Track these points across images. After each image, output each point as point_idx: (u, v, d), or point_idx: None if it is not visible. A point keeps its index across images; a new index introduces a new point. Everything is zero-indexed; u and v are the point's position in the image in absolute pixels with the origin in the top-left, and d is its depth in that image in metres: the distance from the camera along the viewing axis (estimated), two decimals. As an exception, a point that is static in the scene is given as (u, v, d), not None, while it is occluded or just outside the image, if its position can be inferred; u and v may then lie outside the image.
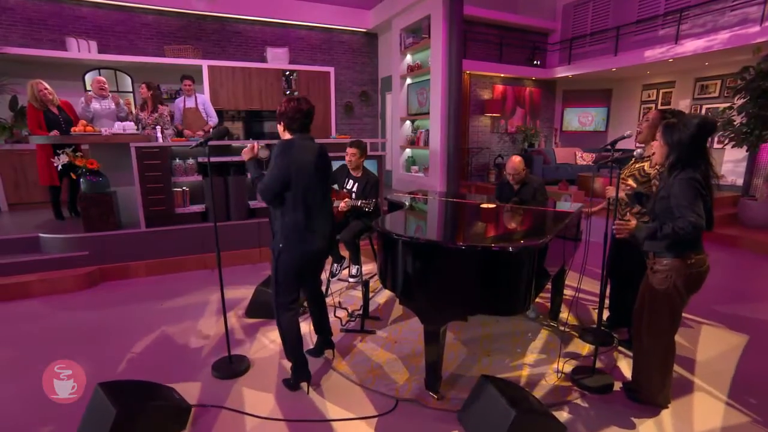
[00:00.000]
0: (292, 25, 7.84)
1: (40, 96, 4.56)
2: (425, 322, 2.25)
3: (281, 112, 2.26)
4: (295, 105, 2.24)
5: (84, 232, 4.27)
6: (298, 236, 2.24)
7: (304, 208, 2.24)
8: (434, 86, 6.51)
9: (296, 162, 2.17)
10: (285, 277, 2.30)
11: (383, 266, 2.40)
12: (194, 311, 3.54)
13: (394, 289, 2.35)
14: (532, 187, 3.50)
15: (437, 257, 2.09)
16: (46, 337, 3.11)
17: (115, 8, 6.61)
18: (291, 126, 2.26)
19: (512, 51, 9.09)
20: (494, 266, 1.97)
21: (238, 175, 4.77)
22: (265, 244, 4.91)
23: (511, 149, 9.69)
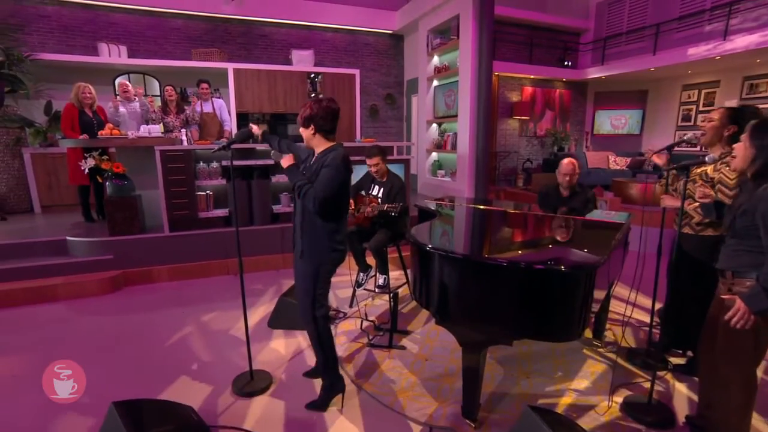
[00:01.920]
0: (317, 28, 7.74)
1: (81, 97, 4.63)
2: (464, 344, 2.02)
3: (311, 115, 2.10)
4: (327, 105, 2.10)
5: (109, 235, 4.23)
6: (337, 244, 2.19)
7: (342, 215, 2.21)
8: (463, 88, 6.27)
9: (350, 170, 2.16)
10: (325, 286, 2.23)
11: (417, 281, 2.20)
12: (216, 320, 3.41)
13: (429, 306, 2.14)
14: (583, 196, 3.23)
15: (479, 274, 1.86)
16: (67, 343, 3.03)
17: (146, 14, 6.65)
18: (324, 128, 2.12)
19: (542, 51, 8.74)
20: (547, 286, 1.74)
21: (261, 179, 4.65)
22: (288, 250, 4.76)
23: (540, 153, 9.33)
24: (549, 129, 9.24)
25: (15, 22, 5.79)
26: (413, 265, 2.26)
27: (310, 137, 2.16)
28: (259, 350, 2.90)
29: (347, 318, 3.43)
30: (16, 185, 5.74)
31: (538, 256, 2.12)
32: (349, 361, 2.79)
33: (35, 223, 5.27)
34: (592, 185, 8.02)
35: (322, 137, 2.14)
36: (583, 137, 9.68)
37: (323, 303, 2.24)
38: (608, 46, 8.47)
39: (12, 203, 5.75)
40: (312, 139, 2.16)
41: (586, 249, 2.12)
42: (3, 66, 5.22)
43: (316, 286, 2.19)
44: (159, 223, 4.61)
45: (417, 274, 2.20)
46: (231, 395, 2.40)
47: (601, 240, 2.34)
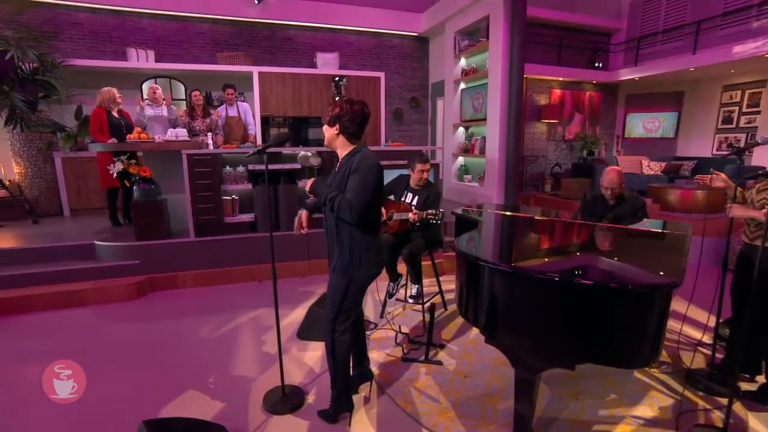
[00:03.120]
0: (341, 30, 7.68)
1: (109, 100, 4.68)
2: (517, 366, 1.85)
3: (339, 114, 1.98)
4: (359, 108, 2.00)
5: (135, 240, 4.20)
6: (372, 256, 2.06)
7: (375, 224, 2.05)
8: (492, 91, 6.08)
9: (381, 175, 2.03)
10: (352, 300, 2.10)
11: (464, 295, 2.05)
12: (244, 329, 3.32)
13: (477, 323, 1.98)
14: (632, 205, 3.02)
15: (537, 291, 1.69)
16: (93, 351, 2.97)
17: (173, 18, 6.70)
18: (349, 130, 2.01)
19: (571, 53, 8.48)
20: (619, 307, 1.55)
21: (288, 184, 4.56)
22: (314, 257, 4.66)
23: (569, 158, 9.03)
24: (578, 133, 8.94)
25: (49, 30, 5.89)
26: (459, 278, 2.11)
27: (333, 137, 2.03)
28: (289, 363, 2.78)
29: (378, 329, 3.29)
30: (47, 189, 5.82)
31: (602, 272, 1.93)
32: (384, 375, 2.64)
33: (65, 226, 5.31)
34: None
35: (345, 139, 2.03)
36: (614, 141, 9.34)
37: (347, 317, 2.11)
38: (642, 46, 8.14)
39: (43, 206, 5.82)
40: (335, 140, 2.04)
41: (657, 266, 1.93)
42: (37, 72, 5.29)
43: (344, 299, 2.07)
44: (184, 227, 4.57)
45: (464, 287, 2.04)
46: (262, 412, 2.28)
47: (670, 254, 2.13)
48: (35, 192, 5.77)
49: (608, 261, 2.09)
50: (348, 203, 1.91)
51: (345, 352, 2.15)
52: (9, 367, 2.77)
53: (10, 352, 2.95)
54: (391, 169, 4.59)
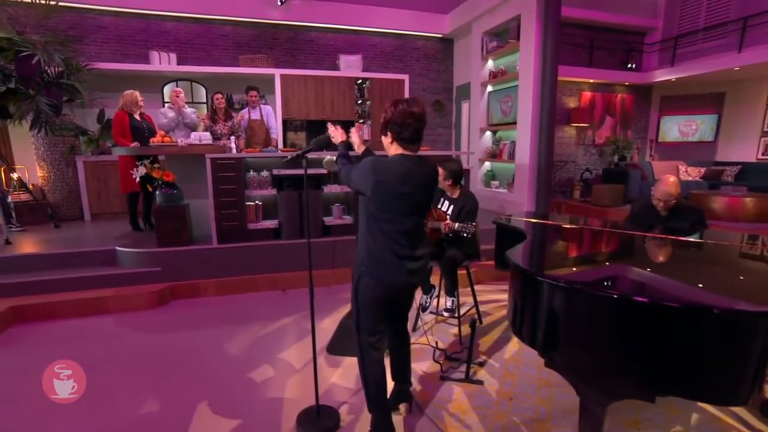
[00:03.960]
0: (364, 32, 7.61)
1: (131, 103, 4.68)
2: (584, 395, 1.68)
3: (386, 120, 1.85)
4: (404, 109, 1.80)
5: (157, 246, 4.14)
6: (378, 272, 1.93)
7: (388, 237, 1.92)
8: (523, 94, 5.91)
9: None
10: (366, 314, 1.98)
11: (518, 313, 1.89)
12: (270, 342, 3.20)
13: (534, 343, 1.82)
14: (688, 217, 2.80)
15: (614, 313, 1.52)
16: (115, 363, 2.89)
17: (196, 21, 6.72)
18: (401, 136, 1.83)
19: (603, 54, 8.23)
20: (714, 333, 1.37)
21: (313, 189, 4.46)
22: (339, 265, 4.54)
23: (599, 163, 8.76)
24: (609, 137, 8.67)
25: (75, 34, 5.96)
26: (514, 294, 1.95)
27: (388, 146, 1.90)
28: (320, 380, 2.64)
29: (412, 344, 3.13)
30: (69, 193, 5.85)
31: (686, 291, 1.74)
32: (421, 395, 2.48)
33: (86, 231, 5.32)
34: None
35: (400, 147, 1.86)
36: (647, 145, 9.03)
37: (373, 333, 1.97)
38: (680, 45, 7.84)
39: (64, 211, 5.85)
40: (390, 148, 1.90)
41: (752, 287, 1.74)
42: (62, 76, 5.33)
43: (359, 310, 1.97)
44: (205, 233, 4.51)
45: (519, 305, 1.88)
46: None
47: (757, 271, 1.93)
48: (57, 196, 5.81)
49: (695, 278, 1.90)
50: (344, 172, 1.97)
51: (377, 371, 2.00)
52: (29, 379, 2.70)
53: (31, 363, 2.89)
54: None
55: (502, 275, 4.45)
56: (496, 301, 4.05)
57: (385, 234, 1.84)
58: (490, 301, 4.03)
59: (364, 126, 7.22)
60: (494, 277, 4.62)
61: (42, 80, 5.24)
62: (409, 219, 1.87)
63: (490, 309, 3.83)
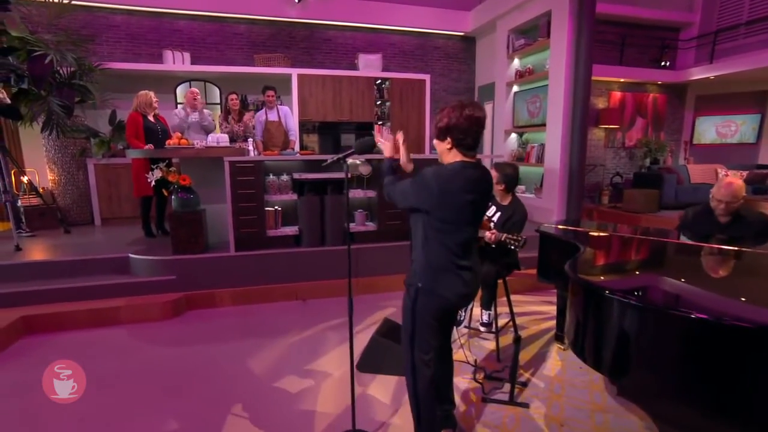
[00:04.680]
0: (383, 30, 7.54)
1: (145, 104, 4.65)
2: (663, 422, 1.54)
3: (449, 125, 1.76)
4: (471, 114, 1.74)
5: (172, 253, 4.07)
6: (437, 285, 1.85)
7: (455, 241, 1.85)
8: (554, 94, 5.78)
9: None
10: (420, 329, 1.88)
11: (581, 330, 1.76)
12: (295, 355, 3.10)
13: (600, 367, 1.69)
14: (752, 225, 2.64)
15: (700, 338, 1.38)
16: (129, 380, 2.80)
17: (209, 20, 6.72)
18: (464, 142, 1.77)
19: (634, 51, 8.05)
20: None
21: (335, 194, 4.36)
22: (362, 274, 4.43)
23: (629, 166, 8.56)
24: (640, 139, 8.46)
25: (87, 33, 5.97)
26: (575, 310, 1.82)
27: (445, 152, 1.83)
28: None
29: (445, 362, 3.00)
30: (79, 197, 5.85)
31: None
32: (466, 421, 2.35)
33: (97, 236, 5.29)
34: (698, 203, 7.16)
35: (459, 154, 1.80)
36: (681, 148, 8.80)
37: (425, 347, 1.87)
38: (719, 41, 7.62)
39: (74, 215, 5.85)
40: (447, 155, 1.82)
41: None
42: (74, 76, 5.33)
43: (414, 322, 1.87)
44: (220, 240, 4.45)
45: (581, 323, 1.75)
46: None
47: None
48: (67, 200, 5.80)
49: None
50: (392, 185, 1.91)
51: (430, 392, 1.91)
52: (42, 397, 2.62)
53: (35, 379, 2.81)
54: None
55: (539, 285, 4.30)
56: (534, 313, 3.91)
57: (445, 246, 1.79)
58: (527, 313, 3.88)
59: (384, 128, 7.13)
60: (530, 288, 4.47)
61: (54, 80, 5.25)
62: (470, 228, 1.82)
63: (526, 322, 3.69)
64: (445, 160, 1.83)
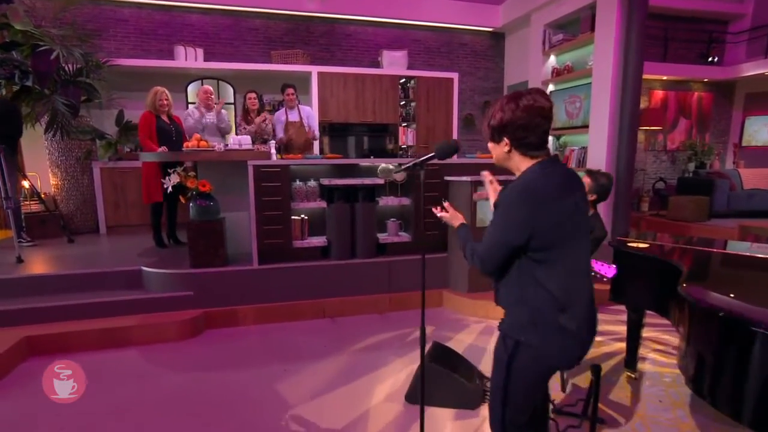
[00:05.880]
0: (408, 26, 7.40)
1: (158, 104, 4.51)
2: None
3: (503, 122, 1.45)
4: (530, 105, 1.41)
5: (190, 267, 3.90)
6: (561, 323, 1.46)
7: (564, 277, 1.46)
8: (599, 93, 5.58)
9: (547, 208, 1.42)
10: (521, 391, 1.55)
11: (709, 370, 1.53)
12: (329, 382, 2.89)
13: (738, 415, 1.46)
14: None
15: None
16: (142, 412, 2.60)
17: (223, 13, 6.60)
18: (526, 141, 1.44)
19: (678, 47, 7.84)
20: None
21: (366, 202, 4.17)
22: (395, 289, 4.23)
23: (671, 171, 8.31)
24: (684, 141, 8.22)
25: (93, 28, 5.87)
26: (697, 342, 1.60)
27: (503, 156, 1.51)
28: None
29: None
30: (83, 203, 5.71)
31: None
32: (543, 470, 2.12)
33: (104, 246, 5.13)
34: (752, 211, 6.90)
35: (523, 156, 1.48)
36: (730, 151, 8.53)
37: (519, 412, 1.56)
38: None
39: (78, 222, 5.70)
40: (507, 160, 1.52)
41: None
42: (81, 73, 5.22)
43: (508, 383, 1.54)
44: (240, 252, 4.28)
45: (714, 361, 1.53)
46: None
47: None
48: (71, 206, 5.66)
49: None
50: (472, 250, 1.56)
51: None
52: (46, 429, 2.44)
53: (42, 407, 2.62)
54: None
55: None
56: (600, 333, 3.66)
57: (558, 280, 1.43)
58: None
59: (408, 130, 6.96)
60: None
61: (59, 78, 5.14)
62: (586, 242, 1.51)
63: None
64: (508, 164, 1.53)
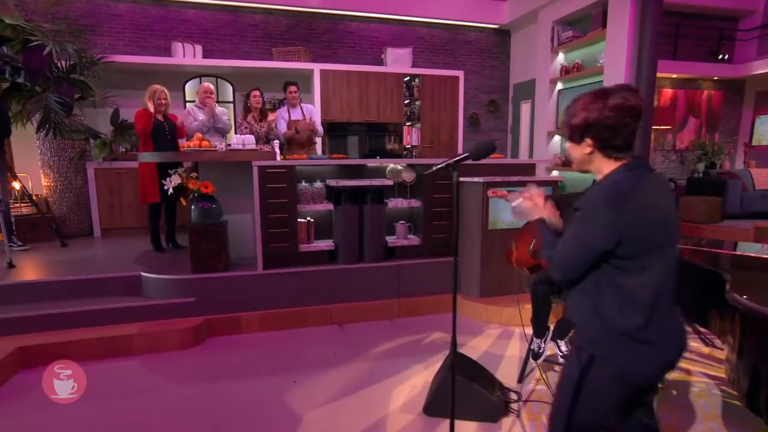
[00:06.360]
0: (411, 22, 7.33)
1: (156, 102, 4.43)
2: None
3: (588, 121, 1.36)
4: (621, 104, 1.31)
5: (191, 272, 3.79)
6: (643, 344, 1.36)
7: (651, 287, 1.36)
8: (611, 90, 5.52)
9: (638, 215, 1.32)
10: (594, 412, 1.44)
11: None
12: (341, 393, 2.80)
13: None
14: None
15: None
16: (145, 426, 2.50)
17: (222, 9, 6.51)
18: (612, 143, 1.35)
19: (688, 44, 7.81)
20: None
21: (375, 204, 4.08)
22: (405, 294, 4.14)
23: (680, 171, 8.28)
24: (693, 141, 8.20)
25: (87, 23, 5.76)
26: (751, 354, 1.52)
27: (584, 158, 1.42)
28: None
29: (527, 402, 2.71)
30: (76, 205, 5.59)
31: None
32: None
33: (99, 250, 5.02)
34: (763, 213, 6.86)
35: (607, 158, 1.39)
36: (740, 150, 8.51)
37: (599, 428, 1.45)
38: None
39: (71, 225, 5.58)
40: (587, 162, 1.43)
41: None
42: (74, 70, 5.10)
43: (575, 402, 1.42)
44: (242, 256, 4.18)
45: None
46: None
47: None
48: (64, 208, 5.54)
49: None
50: (553, 258, 1.46)
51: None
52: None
53: (46, 423, 2.52)
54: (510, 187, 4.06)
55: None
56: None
57: (645, 289, 1.33)
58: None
59: (413, 129, 6.88)
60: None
61: (51, 74, 5.02)
62: (674, 249, 1.39)
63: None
64: (589, 167, 1.44)
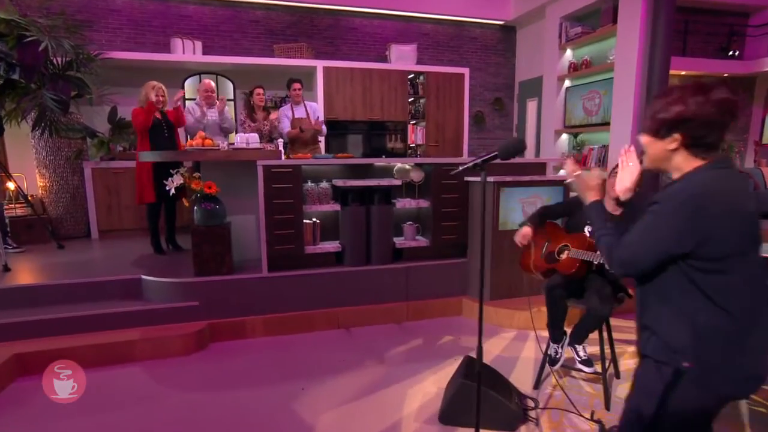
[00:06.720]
0: (415, 19, 7.27)
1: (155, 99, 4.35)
2: None
3: (684, 116, 1.25)
4: (723, 99, 1.23)
5: (194, 275, 3.72)
6: (731, 356, 1.29)
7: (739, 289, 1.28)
8: (621, 89, 5.49)
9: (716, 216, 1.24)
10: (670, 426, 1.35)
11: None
12: (351, 400, 2.74)
13: None
14: None
15: None
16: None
17: (222, 4, 6.45)
18: (704, 141, 1.27)
19: (696, 40, 7.77)
20: None
21: (383, 204, 4.02)
22: (413, 297, 4.09)
23: (687, 171, 8.23)
24: (701, 140, 8.16)
25: (83, 18, 5.67)
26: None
27: (664, 155, 1.32)
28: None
29: (545, 410, 2.66)
30: (73, 206, 5.51)
31: None
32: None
33: (97, 253, 4.96)
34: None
35: (692, 156, 1.30)
36: (750, 149, 8.48)
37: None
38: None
39: (68, 227, 5.51)
40: (666, 159, 1.33)
41: None
42: (70, 66, 5.02)
43: (662, 413, 1.32)
44: (248, 258, 4.12)
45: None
46: None
47: None
48: (60, 209, 5.46)
49: None
50: (608, 248, 1.38)
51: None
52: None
53: None
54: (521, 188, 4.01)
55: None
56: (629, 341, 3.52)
57: (733, 292, 1.25)
58: (623, 341, 3.48)
59: (418, 128, 6.83)
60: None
61: (46, 71, 4.94)
62: (757, 254, 1.31)
63: (623, 356, 3.32)
64: (667, 164, 1.34)
